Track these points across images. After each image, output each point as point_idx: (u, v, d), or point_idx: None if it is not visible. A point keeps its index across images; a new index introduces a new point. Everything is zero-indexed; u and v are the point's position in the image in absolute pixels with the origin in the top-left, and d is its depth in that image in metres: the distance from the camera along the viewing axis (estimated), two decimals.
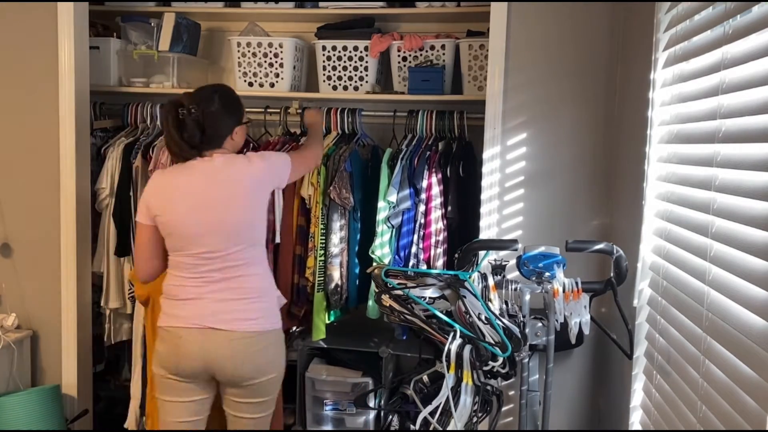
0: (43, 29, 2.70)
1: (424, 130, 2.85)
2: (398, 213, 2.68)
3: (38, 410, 2.63)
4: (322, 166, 2.72)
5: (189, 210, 2.11)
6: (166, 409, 2.18)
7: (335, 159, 2.73)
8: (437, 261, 2.68)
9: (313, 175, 2.71)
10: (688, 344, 1.63)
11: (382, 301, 1.97)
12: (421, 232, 2.70)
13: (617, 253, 1.99)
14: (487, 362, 1.80)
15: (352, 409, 2.80)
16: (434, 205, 2.68)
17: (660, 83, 1.96)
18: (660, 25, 1.95)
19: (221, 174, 2.14)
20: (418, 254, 2.71)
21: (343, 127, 2.90)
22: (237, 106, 2.24)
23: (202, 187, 2.12)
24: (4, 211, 2.83)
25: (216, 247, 2.10)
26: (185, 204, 2.11)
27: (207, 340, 2.08)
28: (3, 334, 2.68)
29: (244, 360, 2.09)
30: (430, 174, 2.69)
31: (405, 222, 2.69)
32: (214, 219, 2.10)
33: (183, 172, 2.16)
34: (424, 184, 2.68)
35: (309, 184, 2.72)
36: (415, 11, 2.91)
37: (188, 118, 2.11)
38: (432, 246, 2.68)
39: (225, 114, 2.17)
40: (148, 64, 3.08)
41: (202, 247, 2.10)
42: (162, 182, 2.17)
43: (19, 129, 2.78)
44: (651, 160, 1.99)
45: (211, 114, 2.13)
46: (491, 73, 2.46)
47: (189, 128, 2.11)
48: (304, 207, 2.75)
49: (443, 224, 2.68)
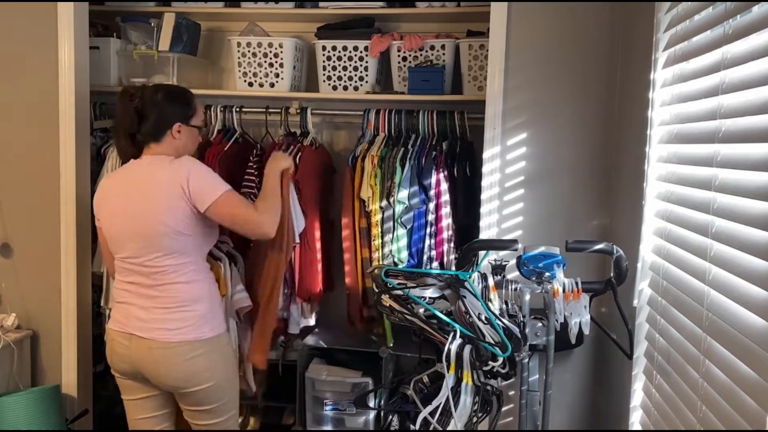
0: (43, 29, 2.70)
1: (426, 130, 2.85)
2: (410, 212, 2.69)
3: (38, 410, 2.62)
4: (377, 168, 2.72)
5: (113, 214, 2.13)
6: (127, 407, 2.24)
7: (389, 161, 2.73)
8: (449, 257, 2.69)
9: (371, 178, 2.71)
10: (688, 344, 1.63)
11: (382, 301, 1.97)
12: (431, 230, 2.71)
13: (617, 253, 1.99)
14: (487, 362, 1.80)
15: (352, 409, 2.80)
16: (443, 204, 2.70)
17: (660, 83, 1.96)
18: (660, 25, 1.95)
19: (142, 176, 2.10)
20: (431, 253, 2.71)
21: (390, 128, 2.89)
22: (183, 103, 2.17)
23: (126, 190, 2.11)
24: (4, 211, 2.83)
25: (136, 253, 2.08)
26: (110, 208, 2.14)
27: (131, 345, 2.09)
28: (3, 334, 2.68)
29: (168, 369, 2.07)
30: (438, 173, 2.70)
31: (415, 219, 2.70)
32: (132, 224, 2.08)
33: (117, 175, 2.18)
34: (432, 183, 2.70)
35: (368, 186, 2.72)
36: (415, 11, 2.90)
37: (129, 105, 2.11)
38: (444, 242, 2.70)
39: (166, 106, 2.12)
40: (148, 64, 3.08)
41: (125, 251, 2.10)
42: (102, 185, 2.21)
43: (19, 129, 2.78)
44: (651, 160, 1.99)
45: (150, 103, 2.11)
46: (491, 73, 2.46)
47: (129, 114, 2.10)
48: (365, 209, 2.75)
49: (452, 222, 2.70)
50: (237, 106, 2.96)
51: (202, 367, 2.10)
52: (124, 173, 2.16)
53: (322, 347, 2.87)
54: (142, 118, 2.11)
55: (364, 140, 2.88)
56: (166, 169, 2.07)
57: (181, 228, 2.06)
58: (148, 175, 2.09)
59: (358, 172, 2.75)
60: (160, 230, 2.04)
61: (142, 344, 2.07)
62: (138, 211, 2.06)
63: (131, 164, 2.15)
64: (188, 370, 2.08)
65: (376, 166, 2.72)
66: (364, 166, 2.75)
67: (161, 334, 2.06)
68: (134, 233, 2.07)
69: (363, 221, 2.75)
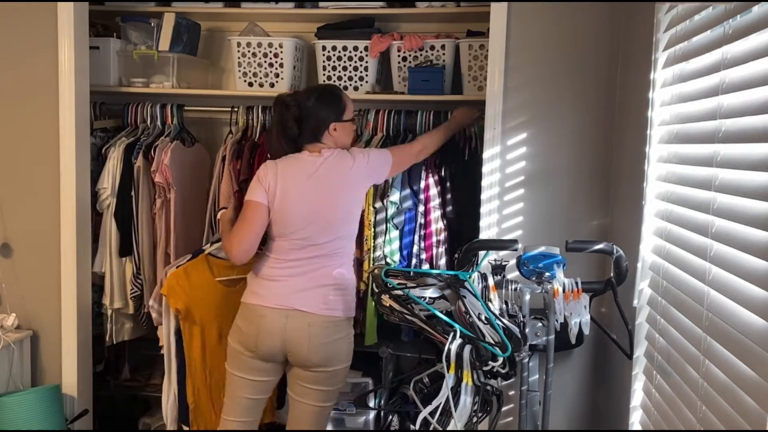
0: (43, 29, 2.70)
1: (423, 131, 2.85)
2: (401, 213, 2.69)
3: (38, 410, 2.62)
4: None
5: (297, 199, 2.24)
6: (236, 382, 2.31)
7: None
8: (439, 260, 2.69)
9: None
10: (688, 344, 1.63)
11: (382, 301, 1.97)
12: (421, 231, 2.71)
13: (617, 253, 1.99)
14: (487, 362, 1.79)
15: (352, 409, 2.80)
16: (433, 205, 2.69)
17: (660, 83, 1.96)
18: (660, 25, 1.95)
19: (328, 168, 2.27)
20: (420, 254, 2.71)
21: (389, 128, 2.89)
22: (336, 103, 2.33)
23: (311, 179, 2.25)
24: (4, 211, 2.83)
25: (315, 237, 2.23)
26: (295, 193, 2.24)
27: (288, 321, 2.20)
28: (3, 334, 2.68)
29: (319, 345, 2.20)
30: (428, 174, 2.70)
31: (406, 222, 2.70)
32: (317, 210, 2.23)
33: (294, 164, 2.29)
34: (422, 184, 2.70)
35: None
36: (415, 11, 2.91)
37: (287, 113, 2.29)
38: (434, 245, 2.69)
39: (320, 109, 2.29)
40: (148, 64, 3.08)
41: (302, 235, 2.23)
42: (276, 172, 2.27)
43: (19, 129, 2.78)
44: (651, 160, 1.99)
45: (306, 108, 2.28)
46: (491, 73, 2.46)
47: (288, 122, 2.29)
48: None
49: (443, 224, 2.69)
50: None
51: (346, 347, 2.27)
52: (302, 164, 2.28)
53: None
54: (300, 124, 2.29)
55: (361, 140, 2.88)
56: (347, 161, 2.30)
57: (357, 215, 2.32)
58: (332, 168, 2.28)
59: None
60: (345, 217, 2.27)
61: (302, 319, 2.20)
62: (325, 200, 2.24)
63: (307, 155, 2.30)
64: (336, 349, 2.24)
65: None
66: None
67: (322, 309, 2.21)
68: (318, 219, 2.23)
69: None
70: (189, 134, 3.12)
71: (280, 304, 2.21)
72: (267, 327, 2.21)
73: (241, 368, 2.29)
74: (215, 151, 3.05)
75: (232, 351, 2.31)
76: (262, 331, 2.21)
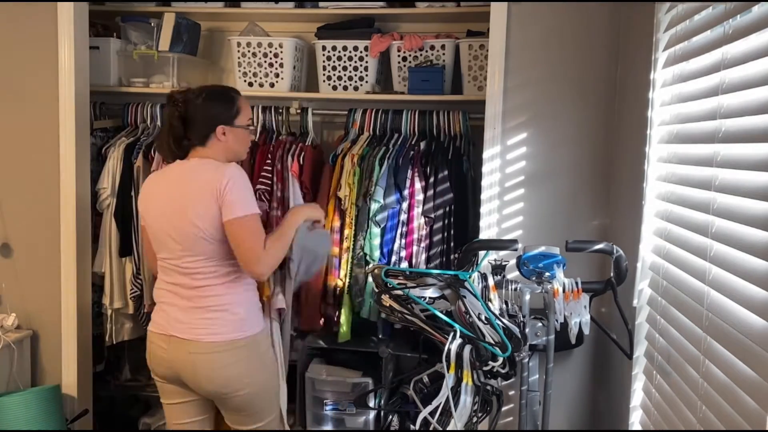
0: (43, 29, 2.70)
1: (408, 130, 2.87)
2: (384, 211, 2.69)
3: (38, 410, 2.62)
4: (356, 166, 2.73)
5: (157, 214, 2.09)
6: (166, 411, 2.21)
7: (369, 160, 2.74)
8: (418, 258, 2.69)
9: (350, 176, 2.72)
10: (688, 344, 1.63)
11: (382, 301, 1.97)
12: (403, 229, 2.72)
13: (617, 253, 1.99)
14: (487, 362, 1.80)
15: (352, 409, 2.80)
16: (417, 202, 2.71)
17: (660, 83, 1.96)
18: (660, 25, 1.95)
19: (186, 178, 2.06)
20: (401, 253, 2.72)
21: (376, 128, 2.90)
22: (227, 104, 2.10)
23: (170, 191, 2.07)
24: (4, 211, 2.83)
25: (175, 255, 2.05)
26: (155, 208, 2.10)
27: (170, 348, 2.06)
28: (3, 334, 2.68)
29: (208, 374, 2.03)
30: (414, 172, 2.72)
31: (388, 219, 2.71)
32: (171, 225, 2.04)
33: (162, 175, 2.14)
34: (407, 182, 2.71)
35: (346, 185, 2.72)
36: (415, 11, 2.90)
37: (174, 111, 2.08)
38: (414, 243, 2.70)
39: (208, 108, 2.07)
40: (148, 64, 3.08)
41: (167, 252, 2.08)
42: (147, 184, 2.17)
43: (19, 129, 2.78)
44: (651, 160, 1.99)
45: (194, 106, 2.06)
46: (491, 73, 2.46)
47: (174, 120, 2.07)
48: (341, 208, 2.75)
49: (425, 223, 2.70)
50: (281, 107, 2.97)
51: (242, 372, 2.06)
52: (170, 173, 2.12)
53: (322, 347, 2.87)
54: (186, 123, 2.07)
55: (347, 139, 2.89)
56: (209, 173, 2.02)
57: (214, 232, 2.01)
58: (192, 177, 2.05)
59: (338, 171, 2.76)
60: (194, 233, 2.01)
61: (182, 347, 2.04)
62: (176, 212, 2.03)
63: (177, 165, 2.11)
64: (227, 375, 2.04)
65: (355, 164, 2.73)
66: (343, 164, 2.75)
67: (200, 335, 2.03)
68: (173, 234, 2.04)
69: (337, 220, 2.75)
70: None
71: (162, 330, 2.08)
72: (155, 352, 2.10)
73: (163, 395, 2.19)
74: None
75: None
76: (153, 357, 2.11)
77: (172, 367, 2.07)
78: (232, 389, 2.05)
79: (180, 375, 2.07)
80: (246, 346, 2.07)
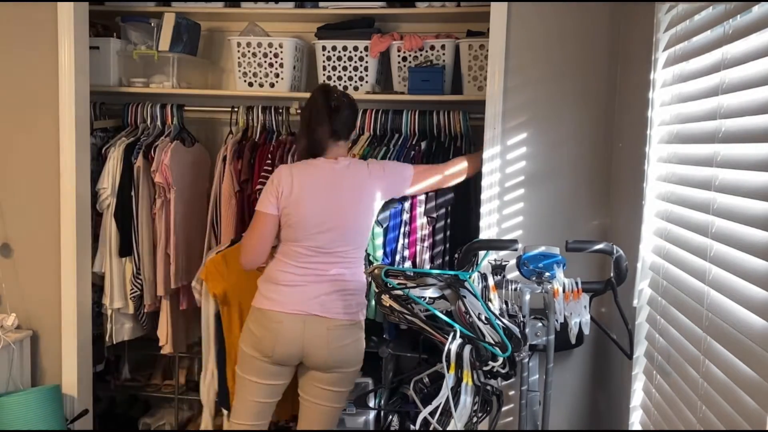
0: (43, 29, 2.70)
1: (408, 130, 2.87)
2: (386, 210, 2.69)
3: (38, 410, 2.62)
4: None
5: (314, 207, 2.25)
6: (247, 387, 2.31)
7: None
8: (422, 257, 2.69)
9: None
10: (688, 344, 1.63)
11: (382, 301, 1.97)
12: (405, 229, 2.72)
13: (617, 253, 1.99)
14: (487, 362, 1.79)
15: (352, 409, 2.80)
16: (418, 203, 2.70)
17: (660, 83, 1.96)
18: (660, 25, 1.95)
19: (344, 177, 2.29)
20: (404, 253, 2.72)
21: (376, 128, 2.90)
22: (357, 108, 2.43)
23: (328, 187, 2.27)
24: (4, 211, 2.83)
25: (331, 245, 2.25)
26: (311, 200, 2.25)
27: (306, 327, 2.21)
28: (3, 334, 2.68)
29: (338, 348, 2.24)
30: None
31: (391, 219, 2.71)
32: (334, 219, 2.25)
33: (309, 170, 2.29)
34: None
35: None
36: (415, 11, 2.91)
37: (342, 103, 2.31)
38: (417, 242, 2.70)
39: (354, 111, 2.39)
40: (148, 64, 3.08)
41: (319, 241, 2.25)
42: (291, 177, 2.27)
43: (18, 129, 2.78)
44: (651, 160, 1.99)
45: (351, 103, 2.36)
46: (491, 73, 2.46)
47: (341, 111, 2.30)
48: None
49: (427, 222, 2.70)
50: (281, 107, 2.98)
51: (360, 350, 2.32)
52: (317, 170, 2.30)
53: None
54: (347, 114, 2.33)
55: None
56: (367, 171, 2.34)
57: (371, 224, 2.36)
58: (349, 176, 2.30)
59: None
60: (362, 227, 2.31)
61: (320, 324, 2.22)
62: (343, 209, 2.26)
63: (323, 162, 2.31)
64: (353, 350, 2.28)
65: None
66: None
67: (340, 314, 2.24)
68: (334, 227, 2.25)
69: None
70: (189, 134, 3.12)
71: (298, 309, 2.22)
72: (285, 333, 2.21)
73: (255, 373, 2.28)
74: (215, 151, 3.06)
75: (244, 356, 2.30)
76: (280, 337, 2.21)
77: (303, 345, 2.22)
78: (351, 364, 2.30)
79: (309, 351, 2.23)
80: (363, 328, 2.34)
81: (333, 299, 2.24)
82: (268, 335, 2.22)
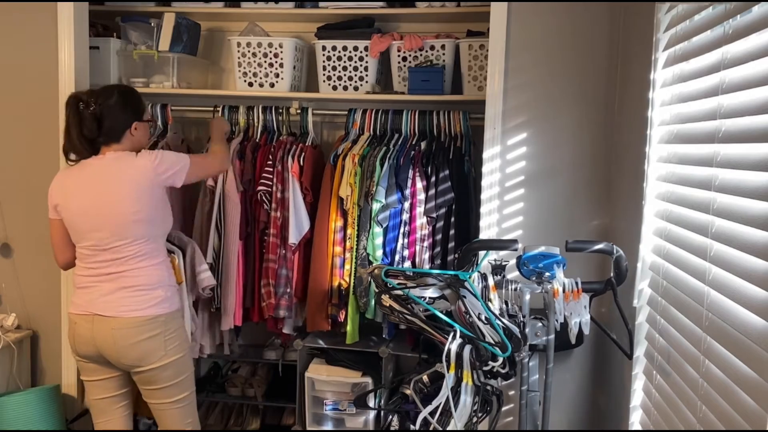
0: (43, 29, 2.70)
1: (408, 130, 2.87)
2: (386, 210, 2.69)
3: (38, 410, 2.63)
4: (357, 166, 2.73)
5: (79, 207, 2.24)
6: (86, 388, 2.36)
7: (370, 160, 2.74)
8: (421, 257, 2.69)
9: (351, 176, 2.72)
10: (688, 344, 1.63)
11: (382, 301, 1.97)
12: (405, 229, 2.72)
13: (617, 253, 1.99)
14: (487, 362, 1.80)
15: (352, 409, 2.80)
16: (419, 201, 2.70)
17: (660, 83, 1.96)
18: (660, 25, 1.95)
19: (108, 171, 2.24)
20: (404, 253, 2.72)
21: (376, 128, 2.90)
22: (137, 103, 2.32)
23: (91, 184, 2.23)
24: (4, 211, 2.83)
25: (102, 241, 2.21)
26: (76, 201, 2.24)
27: (94, 327, 2.21)
28: (3, 334, 2.68)
29: (127, 347, 2.19)
30: (414, 172, 2.72)
31: (391, 219, 2.71)
32: (98, 215, 2.21)
33: (77, 171, 2.28)
34: (408, 182, 2.71)
35: (347, 185, 2.72)
36: (415, 11, 2.90)
37: (87, 112, 2.21)
38: (417, 242, 2.70)
39: (123, 108, 2.26)
40: (148, 64, 3.08)
41: (91, 240, 2.23)
42: (60, 180, 2.30)
43: (18, 129, 2.78)
44: (651, 160, 1.99)
45: (108, 107, 2.23)
46: (491, 73, 2.46)
47: (88, 122, 2.21)
48: (342, 207, 2.76)
49: (427, 222, 2.70)
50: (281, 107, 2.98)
51: (160, 345, 2.23)
52: (88, 169, 2.26)
53: (322, 347, 2.87)
54: (101, 122, 2.23)
55: (348, 139, 2.89)
56: (133, 162, 2.24)
57: (149, 214, 2.24)
58: (117, 169, 2.23)
59: (339, 171, 2.76)
60: (131, 218, 2.20)
61: (105, 324, 2.19)
62: (110, 203, 2.20)
63: (93, 160, 2.27)
64: (149, 346, 2.21)
65: (356, 164, 2.73)
66: (345, 164, 2.75)
67: (123, 312, 2.19)
68: (100, 224, 2.21)
69: (339, 220, 2.76)
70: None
71: (85, 310, 2.23)
72: (79, 333, 2.24)
73: (82, 372, 2.34)
74: None
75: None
76: (77, 337, 2.25)
77: (95, 344, 2.22)
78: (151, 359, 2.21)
79: (102, 351, 2.22)
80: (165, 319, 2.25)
81: (118, 297, 2.21)
82: (70, 335, 2.28)
